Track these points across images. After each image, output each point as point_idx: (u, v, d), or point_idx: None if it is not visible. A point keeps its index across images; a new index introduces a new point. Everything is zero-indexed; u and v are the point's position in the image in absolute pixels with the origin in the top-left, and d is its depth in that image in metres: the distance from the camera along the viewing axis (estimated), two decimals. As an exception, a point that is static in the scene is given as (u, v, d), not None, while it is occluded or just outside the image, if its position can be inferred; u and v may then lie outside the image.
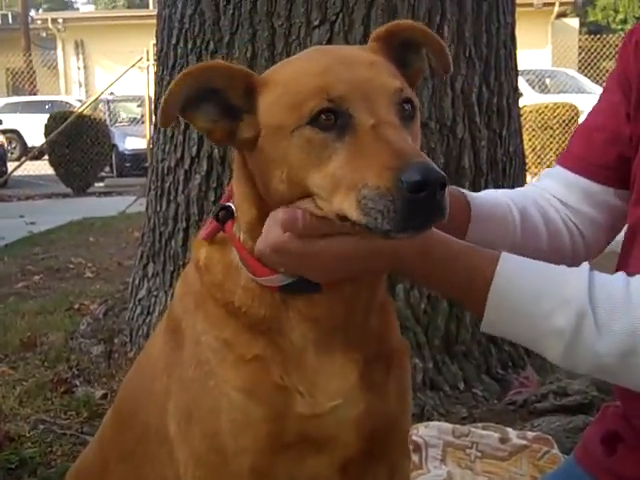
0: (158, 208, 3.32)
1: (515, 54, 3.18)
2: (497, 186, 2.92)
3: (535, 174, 11.30)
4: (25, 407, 2.98)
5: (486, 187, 2.88)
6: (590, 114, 1.54)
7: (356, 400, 1.18)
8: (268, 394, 1.15)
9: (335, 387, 1.17)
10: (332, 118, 1.02)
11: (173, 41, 3.13)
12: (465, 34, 2.88)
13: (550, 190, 1.52)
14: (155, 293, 3.36)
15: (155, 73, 3.45)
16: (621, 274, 1.13)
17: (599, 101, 1.52)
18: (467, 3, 2.88)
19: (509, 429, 2.34)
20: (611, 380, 1.17)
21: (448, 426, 2.31)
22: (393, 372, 1.25)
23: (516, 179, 3.13)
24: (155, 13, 3.39)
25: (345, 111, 1.02)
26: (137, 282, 3.52)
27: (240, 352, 1.16)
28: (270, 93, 1.08)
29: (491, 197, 1.46)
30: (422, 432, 2.23)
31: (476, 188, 2.72)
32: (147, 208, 3.52)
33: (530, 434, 2.29)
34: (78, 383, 3.21)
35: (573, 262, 1.47)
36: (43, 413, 2.92)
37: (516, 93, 3.21)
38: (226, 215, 1.19)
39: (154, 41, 3.49)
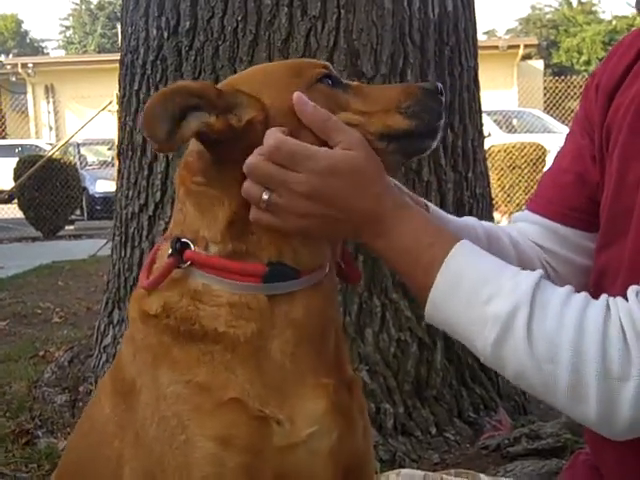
0: (123, 254, 3.28)
1: (479, 97, 3.21)
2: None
3: (505, 212, 11.42)
4: (-15, 460, 2.89)
5: (452, 229, 2.88)
6: (557, 158, 1.54)
7: (330, 428, 1.15)
8: (245, 434, 1.10)
9: (310, 412, 1.14)
10: (332, 83, 1.19)
11: (135, 87, 3.13)
12: (428, 78, 2.90)
13: (524, 232, 1.51)
14: (120, 340, 3.30)
15: (118, 119, 3.45)
16: (568, 287, 1.11)
17: (565, 144, 1.52)
18: (429, 47, 2.91)
19: (482, 475, 2.30)
20: (530, 391, 1.13)
21: (420, 473, 2.25)
22: (355, 402, 1.22)
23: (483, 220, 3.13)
24: (120, 58, 3.39)
25: (340, 80, 1.21)
26: (102, 329, 3.47)
27: (216, 394, 1.11)
28: (256, 83, 1.18)
29: (456, 218, 1.47)
30: (393, 480, 2.19)
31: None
32: (112, 254, 3.48)
33: (503, 480, 2.26)
34: (41, 434, 3.12)
35: None
36: (3, 466, 2.84)
37: (481, 135, 3.23)
38: (181, 245, 1.15)
39: (120, 86, 3.49)
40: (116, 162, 11.66)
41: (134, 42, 3.14)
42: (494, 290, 1.08)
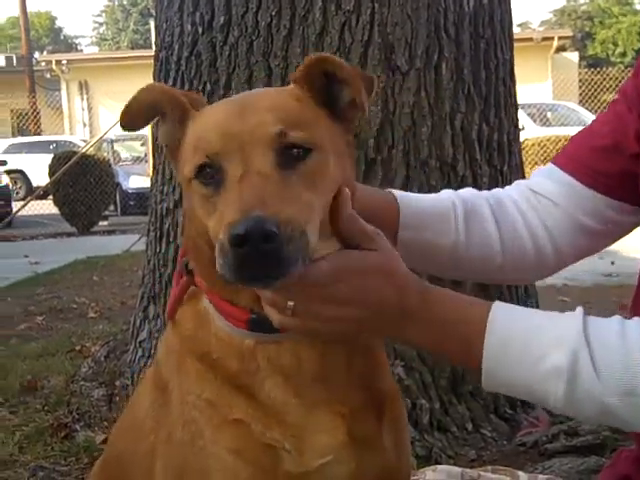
0: (158, 249, 3.30)
1: (514, 90, 3.18)
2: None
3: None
4: (25, 453, 2.93)
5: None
6: (594, 122, 1.52)
7: (346, 458, 1.13)
8: (255, 454, 1.11)
9: (322, 443, 1.12)
10: (210, 173, 1.06)
11: (170, 83, 3.13)
12: (464, 72, 2.87)
13: (537, 187, 1.50)
14: (156, 335, 3.33)
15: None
16: (616, 317, 1.10)
17: (607, 111, 1.50)
18: (465, 40, 2.88)
19: (520, 472, 2.27)
20: (618, 424, 1.12)
21: (457, 470, 2.24)
22: (387, 422, 1.20)
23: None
24: (154, 54, 3.40)
25: (219, 166, 1.05)
26: (138, 324, 3.49)
27: (222, 412, 1.13)
28: (187, 135, 1.14)
29: (431, 199, 1.46)
30: (430, 477, 2.16)
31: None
32: (147, 249, 3.50)
33: (542, 477, 2.21)
34: (78, 428, 3.16)
35: (537, 266, 1.50)
36: (43, 459, 2.87)
37: (516, 129, 3.19)
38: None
39: (154, 82, 3.51)
40: (149, 158, 11.76)
41: (169, 38, 3.15)
42: (545, 345, 1.07)
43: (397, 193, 1.42)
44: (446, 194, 1.49)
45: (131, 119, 1.18)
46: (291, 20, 2.77)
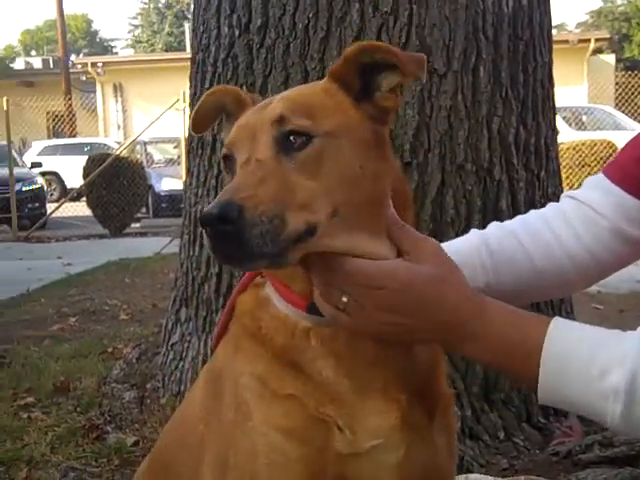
0: (191, 252, 3.30)
1: (553, 93, 3.12)
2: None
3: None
4: (56, 454, 2.93)
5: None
6: None
7: (397, 443, 1.13)
8: (306, 430, 1.11)
9: (374, 425, 1.12)
10: (230, 163, 1.14)
11: (206, 85, 3.13)
12: (501, 74, 2.83)
13: (582, 197, 1.51)
14: (188, 338, 3.33)
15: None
16: None
17: None
18: (503, 42, 2.83)
19: (553, 482, 2.24)
20: None
21: (490, 479, 2.22)
22: (439, 424, 1.19)
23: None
24: (191, 56, 3.40)
25: (232, 155, 1.13)
26: (170, 327, 3.49)
27: (273, 388, 1.13)
28: None
29: (454, 250, 1.45)
30: (462, 486, 2.14)
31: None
32: (180, 252, 3.50)
33: (576, 489, 2.19)
34: (110, 429, 3.16)
35: (579, 279, 1.50)
36: (74, 460, 2.88)
37: (554, 133, 3.14)
38: None
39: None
40: (183, 160, 11.84)
41: (205, 40, 3.15)
42: (604, 363, 1.06)
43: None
44: (467, 241, 1.49)
45: (200, 121, 1.28)
46: (328, 22, 2.74)
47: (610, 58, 25.21)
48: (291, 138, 1.07)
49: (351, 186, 1.08)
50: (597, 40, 23.37)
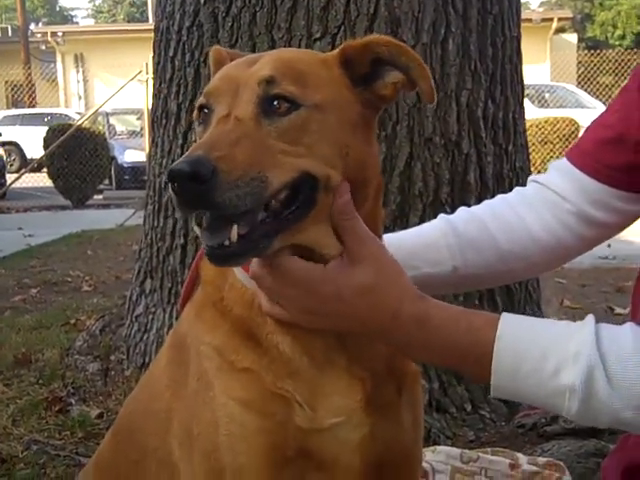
0: (155, 223, 3.26)
1: (521, 68, 3.12)
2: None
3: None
4: (18, 427, 2.89)
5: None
6: (605, 111, 1.53)
7: (359, 422, 1.12)
8: (265, 403, 1.09)
9: (337, 404, 1.11)
10: (206, 114, 1.08)
11: (170, 53, 3.08)
12: (470, 47, 2.82)
13: (545, 181, 1.53)
14: (153, 310, 3.30)
15: (153, 86, 3.40)
16: (628, 325, 1.08)
17: (617, 99, 1.50)
18: (472, 16, 2.82)
19: (519, 454, 2.26)
20: (632, 431, 1.14)
21: (456, 451, 2.23)
22: (405, 396, 1.18)
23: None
24: (155, 24, 3.34)
25: (210, 106, 1.07)
26: (134, 298, 3.46)
27: (231, 359, 1.12)
28: None
29: (415, 234, 1.49)
30: (429, 457, 2.15)
31: (482, 204, 2.66)
32: (144, 223, 3.46)
33: (541, 460, 2.21)
34: (73, 402, 3.12)
35: (544, 262, 1.54)
36: (37, 433, 2.84)
37: (522, 108, 3.15)
38: None
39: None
40: (145, 132, 11.68)
41: (170, 8, 3.09)
42: (558, 361, 1.05)
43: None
44: (434, 226, 1.50)
45: None
46: (296, -9, 2.70)
47: (572, 37, 25.42)
48: (275, 102, 1.03)
49: (332, 165, 1.05)
50: (560, 19, 23.55)
